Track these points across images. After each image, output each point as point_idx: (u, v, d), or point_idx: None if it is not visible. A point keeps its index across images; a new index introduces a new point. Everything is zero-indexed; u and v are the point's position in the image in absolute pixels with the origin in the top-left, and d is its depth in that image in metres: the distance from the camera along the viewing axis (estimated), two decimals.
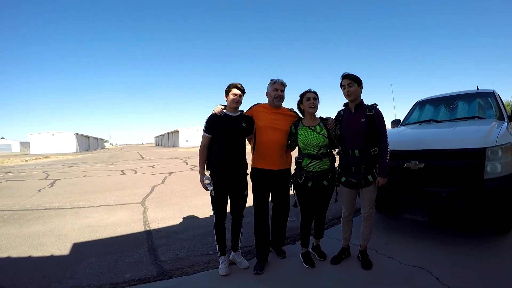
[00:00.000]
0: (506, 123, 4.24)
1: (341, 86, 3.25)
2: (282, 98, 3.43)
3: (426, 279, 2.90)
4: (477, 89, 5.68)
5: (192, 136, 74.56)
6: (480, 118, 4.75)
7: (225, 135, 3.26)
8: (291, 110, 3.56)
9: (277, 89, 3.38)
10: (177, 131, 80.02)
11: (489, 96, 5.31)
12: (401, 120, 5.94)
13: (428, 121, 5.22)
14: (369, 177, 3.12)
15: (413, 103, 6.26)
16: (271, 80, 3.44)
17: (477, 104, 5.22)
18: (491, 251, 3.42)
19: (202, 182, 3.28)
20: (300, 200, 3.31)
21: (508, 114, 4.79)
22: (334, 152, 3.37)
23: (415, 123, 5.38)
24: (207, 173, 3.34)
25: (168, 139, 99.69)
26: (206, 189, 3.27)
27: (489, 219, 3.60)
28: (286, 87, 3.47)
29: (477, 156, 3.35)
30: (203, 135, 3.34)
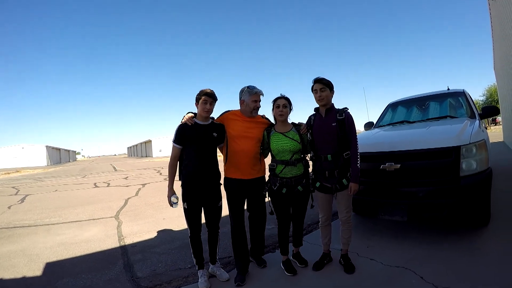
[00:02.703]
0: (478, 121, 4.33)
1: (312, 90, 3.20)
2: (259, 109, 3.35)
3: (411, 279, 2.88)
4: (448, 89, 5.81)
5: (165, 146, 73.75)
6: (452, 117, 4.84)
7: (195, 145, 3.12)
8: (263, 116, 3.47)
9: (256, 100, 3.26)
10: (150, 141, 79.09)
11: (460, 96, 5.43)
12: (374, 123, 6.00)
13: (401, 122, 5.27)
14: (344, 180, 3.09)
15: (385, 106, 6.35)
16: (249, 88, 3.27)
17: (449, 104, 5.34)
18: (473, 246, 3.46)
19: (168, 198, 3.18)
20: (275, 207, 3.25)
21: (479, 112, 4.91)
22: (307, 157, 3.33)
23: (388, 125, 5.44)
24: (177, 185, 3.21)
25: (141, 149, 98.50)
26: (171, 205, 3.17)
27: (467, 215, 3.64)
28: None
29: (452, 154, 3.39)
30: (173, 146, 3.18)
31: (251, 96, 3.24)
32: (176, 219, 6.08)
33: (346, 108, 3.19)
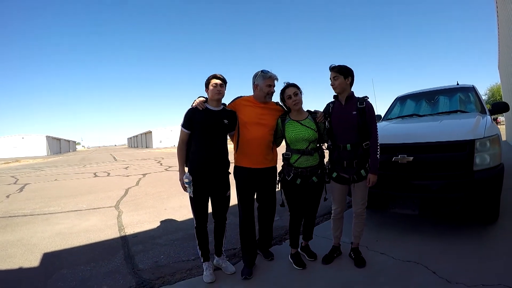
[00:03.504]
0: (489, 116, 4.27)
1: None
2: (273, 94, 3.19)
3: (423, 274, 2.81)
4: (457, 84, 5.75)
5: (166, 137, 73.82)
6: (462, 111, 4.76)
7: (205, 132, 2.95)
8: (277, 103, 3.30)
9: (270, 85, 3.10)
10: (150, 132, 79.11)
11: (470, 91, 5.39)
12: (382, 116, 5.91)
13: (411, 115, 5.19)
14: (362, 171, 2.97)
15: (393, 99, 6.25)
16: (263, 72, 3.10)
17: (458, 99, 5.26)
18: (484, 242, 3.41)
19: (181, 180, 3.00)
20: (288, 199, 3.12)
21: (489, 108, 4.83)
22: (324, 147, 3.19)
23: (397, 118, 5.36)
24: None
25: (142, 140, 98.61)
26: (185, 189, 3.01)
27: (478, 210, 3.61)
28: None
29: (466, 148, 3.33)
30: (181, 130, 3.03)
31: (265, 80, 3.08)
32: (178, 210, 5.96)
33: (366, 96, 3.05)
